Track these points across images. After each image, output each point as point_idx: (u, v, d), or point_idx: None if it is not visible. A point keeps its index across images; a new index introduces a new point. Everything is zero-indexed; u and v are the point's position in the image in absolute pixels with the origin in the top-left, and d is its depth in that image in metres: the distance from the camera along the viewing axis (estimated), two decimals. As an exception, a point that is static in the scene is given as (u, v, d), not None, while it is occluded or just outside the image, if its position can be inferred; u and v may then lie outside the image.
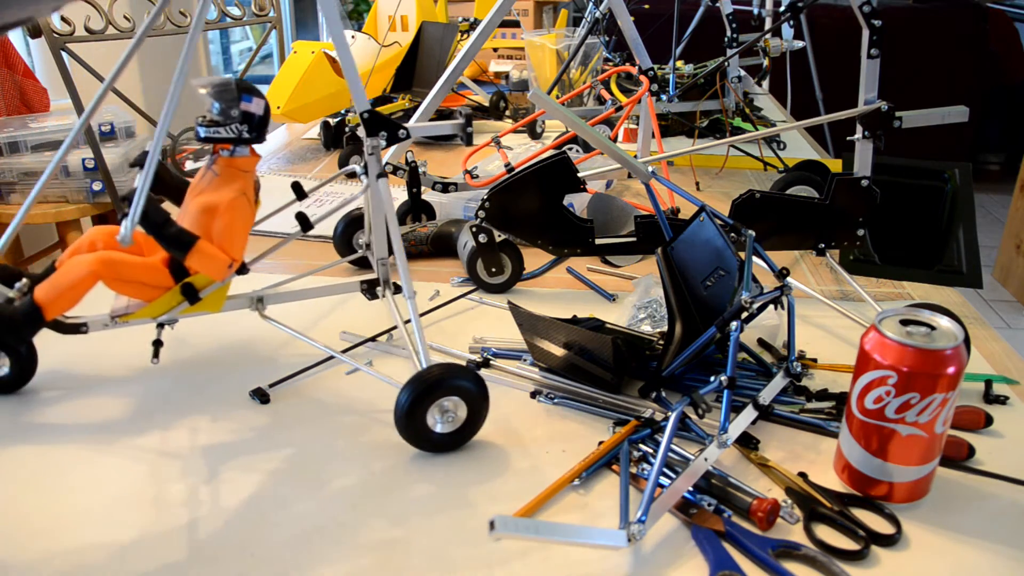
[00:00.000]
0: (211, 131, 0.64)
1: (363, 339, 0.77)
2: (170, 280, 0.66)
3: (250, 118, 0.64)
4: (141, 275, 0.65)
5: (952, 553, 0.53)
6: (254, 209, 0.68)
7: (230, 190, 0.65)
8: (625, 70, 1.27)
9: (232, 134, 0.64)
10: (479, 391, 0.61)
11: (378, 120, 0.67)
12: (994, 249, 3.02)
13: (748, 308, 0.60)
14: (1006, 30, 3.71)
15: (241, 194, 0.65)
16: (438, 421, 0.61)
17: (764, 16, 1.91)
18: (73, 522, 0.55)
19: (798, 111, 2.44)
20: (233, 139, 0.64)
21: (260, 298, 0.75)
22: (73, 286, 0.63)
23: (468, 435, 0.62)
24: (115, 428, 0.65)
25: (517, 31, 2.10)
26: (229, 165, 0.66)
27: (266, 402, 0.68)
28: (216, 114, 0.63)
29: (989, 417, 0.65)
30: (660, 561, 0.52)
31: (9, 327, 0.62)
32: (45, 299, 0.63)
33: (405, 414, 0.59)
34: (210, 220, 0.64)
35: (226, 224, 0.64)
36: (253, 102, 0.64)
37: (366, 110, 0.65)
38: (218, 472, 0.60)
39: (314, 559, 0.52)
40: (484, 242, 0.87)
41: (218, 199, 0.64)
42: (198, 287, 0.67)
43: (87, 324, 0.68)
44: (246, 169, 0.66)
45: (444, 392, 0.60)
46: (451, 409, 0.61)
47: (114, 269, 0.64)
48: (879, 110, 0.81)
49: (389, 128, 0.67)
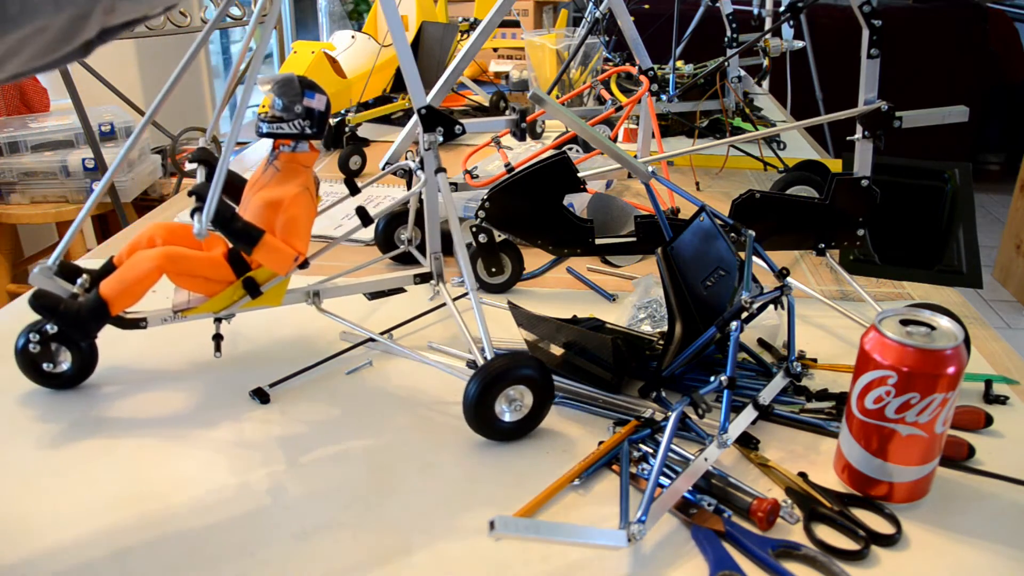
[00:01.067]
0: (273, 127, 0.64)
1: (363, 339, 0.77)
2: (231, 275, 0.67)
3: (312, 114, 0.65)
4: (204, 270, 0.66)
5: (952, 553, 0.53)
6: (316, 203, 0.68)
7: (293, 185, 0.66)
8: (625, 70, 1.27)
9: (295, 130, 0.64)
10: (543, 379, 0.62)
11: (435, 116, 0.67)
12: (994, 249, 3.02)
13: (748, 308, 0.60)
14: (1006, 30, 3.71)
15: (304, 189, 0.66)
16: (505, 410, 0.62)
17: (764, 16, 1.91)
18: (73, 522, 0.55)
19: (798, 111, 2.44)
20: (296, 134, 0.65)
21: (316, 292, 0.76)
22: (138, 281, 0.64)
23: (535, 422, 0.63)
24: (113, 429, 0.65)
25: (517, 31, 2.10)
26: (291, 160, 0.67)
27: (266, 402, 0.68)
28: (278, 110, 0.64)
29: (989, 417, 0.65)
30: (660, 561, 0.52)
31: (76, 322, 0.63)
32: (111, 294, 0.63)
33: (474, 405, 0.60)
34: (274, 215, 0.65)
35: (290, 218, 0.65)
36: (315, 98, 0.64)
37: (424, 106, 0.66)
38: (218, 472, 0.60)
39: (314, 559, 0.52)
40: (484, 242, 0.87)
41: (282, 194, 0.65)
42: (259, 281, 0.68)
43: (146, 319, 0.68)
44: (307, 164, 0.67)
45: (510, 382, 0.61)
46: (518, 398, 0.62)
47: (178, 264, 0.65)
48: (879, 110, 0.81)
49: (446, 124, 0.68)
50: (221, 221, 0.61)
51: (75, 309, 0.63)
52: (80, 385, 0.71)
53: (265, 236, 0.63)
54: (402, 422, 0.66)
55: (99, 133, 1.86)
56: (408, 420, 0.66)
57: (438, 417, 0.67)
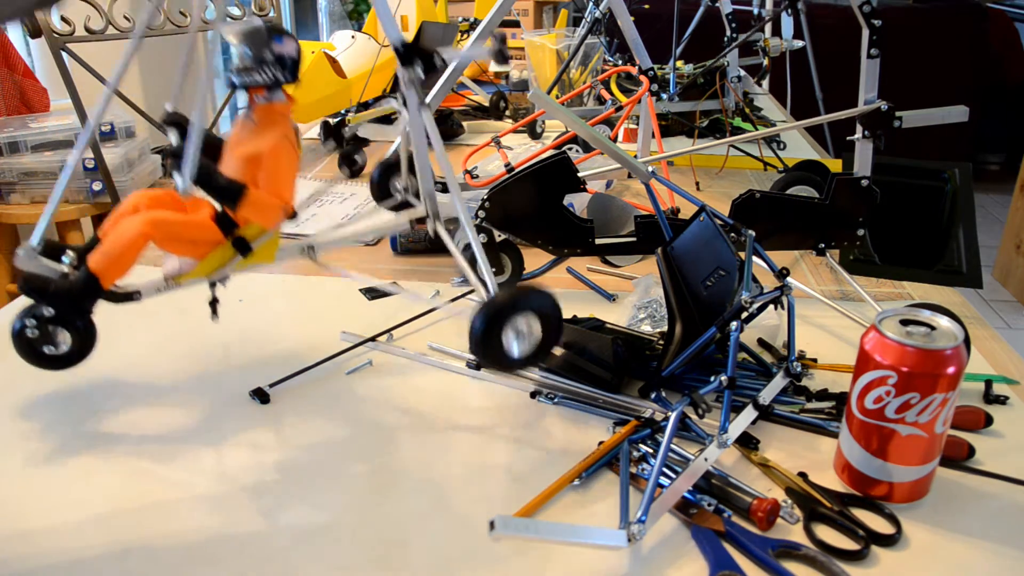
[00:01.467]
0: (245, 77, 0.62)
1: (363, 339, 0.77)
2: (220, 236, 0.65)
3: (283, 60, 0.62)
4: (192, 233, 0.64)
5: (952, 553, 0.53)
6: (298, 152, 0.66)
7: (272, 135, 0.63)
8: (625, 70, 1.27)
9: (267, 78, 0.62)
10: (551, 307, 0.59)
11: (413, 50, 0.64)
12: (994, 249, 3.02)
13: (748, 308, 0.60)
14: (1006, 30, 3.71)
15: (284, 138, 0.63)
16: (514, 342, 0.59)
17: (764, 16, 1.91)
18: (73, 522, 0.55)
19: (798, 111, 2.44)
20: (269, 83, 0.62)
21: (312, 246, 0.73)
22: (126, 249, 0.62)
23: (546, 352, 0.61)
24: (113, 429, 0.65)
25: (517, 31, 2.10)
26: (268, 111, 0.64)
27: (266, 402, 0.68)
28: (249, 60, 0.61)
29: (989, 417, 0.65)
30: (660, 561, 0.52)
31: (69, 301, 0.62)
32: (100, 267, 0.62)
33: (481, 339, 0.57)
34: (256, 168, 0.63)
35: (273, 169, 0.63)
36: (285, 42, 0.62)
37: (401, 42, 0.63)
38: (218, 472, 0.60)
39: (314, 559, 0.52)
40: (484, 242, 0.87)
41: (261, 146, 0.63)
42: (249, 239, 0.66)
43: (140, 291, 0.66)
44: (285, 113, 0.65)
45: (515, 312, 0.58)
46: (525, 330, 0.59)
47: (164, 229, 0.63)
48: (879, 110, 0.81)
49: (425, 57, 0.64)
50: (202, 178, 0.59)
51: (66, 288, 0.61)
52: (80, 385, 0.71)
53: (248, 190, 0.61)
54: (402, 422, 0.66)
55: (99, 133, 1.86)
56: (408, 420, 0.66)
57: (438, 417, 0.67)
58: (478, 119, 1.64)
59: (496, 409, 0.68)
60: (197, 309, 0.85)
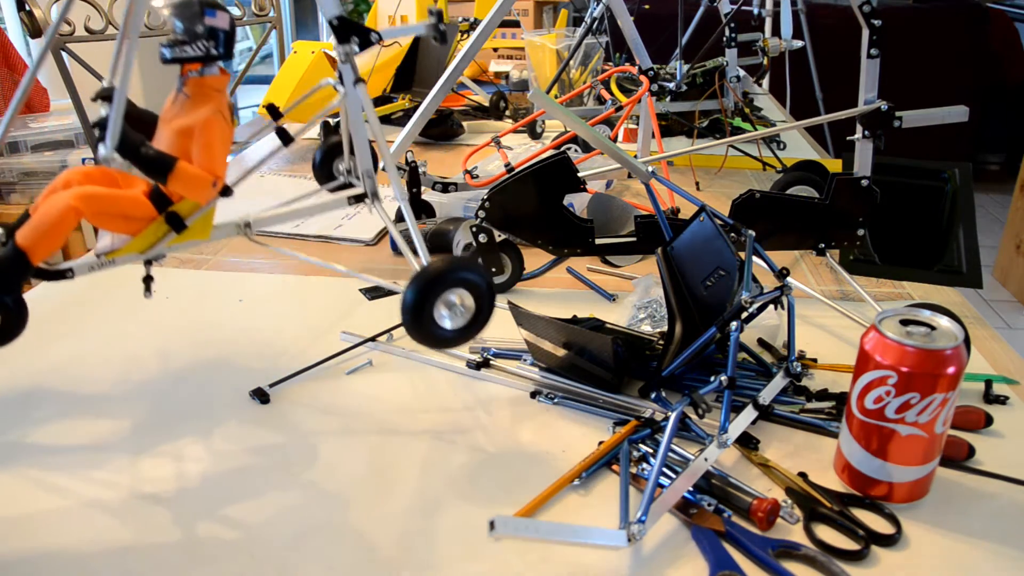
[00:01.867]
0: (176, 51, 0.61)
1: (363, 339, 0.77)
2: (153, 211, 0.63)
3: (215, 33, 0.61)
4: (123, 207, 0.63)
5: (952, 553, 0.53)
6: (231, 127, 0.65)
7: (205, 110, 0.62)
8: (625, 70, 1.27)
9: (199, 52, 0.61)
10: (483, 281, 0.58)
11: (348, 25, 0.65)
12: (994, 249, 3.02)
13: (748, 308, 0.60)
14: (1006, 30, 3.71)
15: (217, 112, 0.62)
16: (445, 316, 0.58)
17: (764, 16, 1.91)
18: (73, 521, 0.55)
19: (798, 111, 2.44)
20: (201, 57, 0.61)
21: (247, 223, 0.71)
22: (55, 224, 0.60)
23: (478, 328, 0.60)
24: (114, 428, 0.65)
25: (517, 31, 2.10)
26: (200, 85, 0.63)
27: (266, 402, 0.68)
28: (180, 33, 0.60)
29: (989, 417, 0.65)
30: (660, 561, 0.52)
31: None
32: (28, 242, 0.60)
33: (411, 311, 0.56)
34: (188, 142, 0.62)
35: (205, 143, 0.62)
36: (218, 16, 0.61)
37: (335, 16, 0.64)
38: (218, 472, 0.60)
39: (314, 559, 0.52)
40: (484, 242, 0.87)
41: (194, 120, 0.62)
42: (183, 215, 0.64)
43: (72, 269, 0.64)
44: (218, 88, 0.64)
45: (449, 285, 0.57)
46: (458, 303, 0.58)
47: (95, 203, 0.61)
48: (879, 110, 0.81)
49: (360, 33, 0.65)
50: (130, 149, 0.58)
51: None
52: (80, 385, 0.71)
53: (179, 163, 0.60)
54: (402, 422, 0.66)
55: (99, 133, 1.85)
56: (408, 420, 0.66)
57: (438, 417, 0.67)
58: (478, 119, 1.64)
59: (496, 409, 0.68)
60: (197, 310, 0.85)
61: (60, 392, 0.70)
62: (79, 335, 0.79)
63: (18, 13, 1.44)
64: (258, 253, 1.00)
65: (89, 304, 0.86)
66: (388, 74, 1.54)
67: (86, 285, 0.90)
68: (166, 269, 0.95)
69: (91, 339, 0.79)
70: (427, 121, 1.00)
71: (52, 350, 0.76)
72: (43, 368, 0.73)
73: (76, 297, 0.88)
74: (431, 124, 1.46)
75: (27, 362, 0.74)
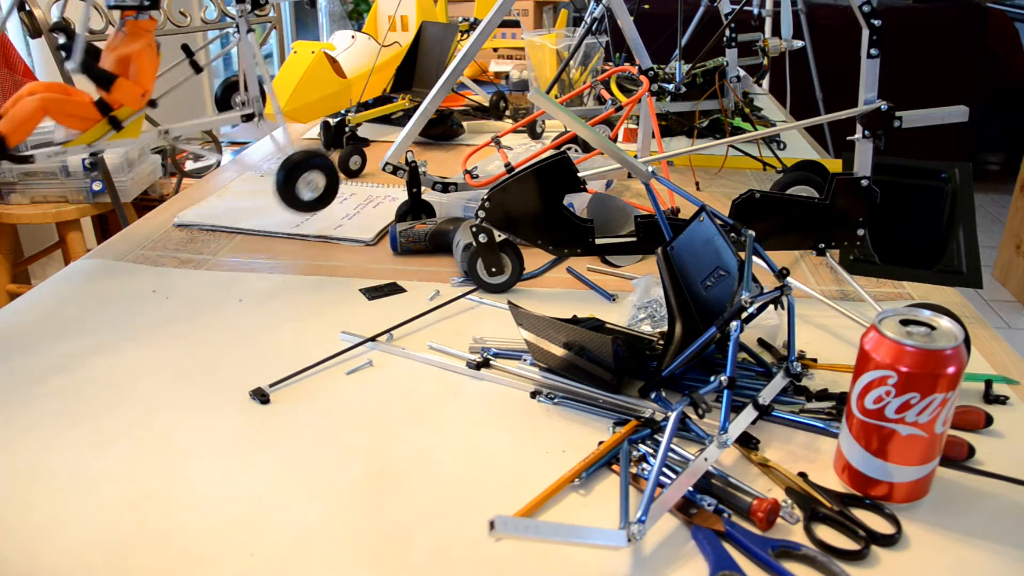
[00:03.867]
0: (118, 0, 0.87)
1: (363, 339, 0.77)
2: (98, 115, 0.89)
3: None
4: (77, 110, 0.88)
5: (952, 553, 0.53)
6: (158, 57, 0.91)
7: (138, 43, 0.89)
8: (625, 70, 1.27)
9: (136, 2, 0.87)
10: (330, 167, 0.95)
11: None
12: (994, 249, 3.02)
13: (748, 308, 0.60)
14: (1006, 30, 3.71)
15: (148, 45, 0.89)
16: (305, 190, 0.93)
17: (764, 16, 1.91)
18: (73, 522, 0.55)
19: (798, 111, 2.44)
20: (136, 6, 0.87)
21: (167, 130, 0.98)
22: (27, 118, 0.83)
23: (328, 200, 0.96)
24: (114, 428, 0.65)
25: (517, 31, 2.10)
26: (135, 26, 0.89)
27: (266, 402, 0.68)
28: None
29: (989, 417, 0.65)
30: (660, 561, 0.52)
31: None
32: (7, 130, 0.82)
33: (282, 187, 0.92)
34: (126, 65, 0.88)
35: (139, 66, 0.89)
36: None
37: None
38: (218, 472, 0.60)
39: (314, 559, 0.52)
40: (484, 242, 0.87)
41: (130, 50, 0.89)
42: (121, 118, 0.90)
43: (34, 156, 0.87)
44: (148, 29, 0.90)
45: (306, 169, 0.92)
46: (313, 180, 0.93)
47: (57, 105, 0.86)
48: (879, 110, 0.81)
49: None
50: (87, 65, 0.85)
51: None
52: (80, 385, 0.71)
53: (119, 78, 0.87)
54: (402, 422, 0.66)
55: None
56: (408, 420, 0.66)
57: (438, 417, 0.67)
58: (478, 119, 1.64)
59: (496, 409, 0.68)
60: (197, 310, 0.85)
61: (59, 392, 0.70)
62: (79, 335, 0.79)
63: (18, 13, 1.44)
64: (258, 253, 1.00)
65: (89, 304, 0.86)
66: (388, 74, 1.54)
67: (86, 285, 0.91)
68: (166, 269, 0.95)
69: (91, 339, 0.78)
70: (427, 121, 1.00)
71: (52, 350, 0.76)
72: (43, 368, 0.73)
73: (76, 297, 0.88)
74: (431, 124, 1.46)
75: (27, 362, 0.74)
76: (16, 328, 0.81)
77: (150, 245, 1.02)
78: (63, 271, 0.95)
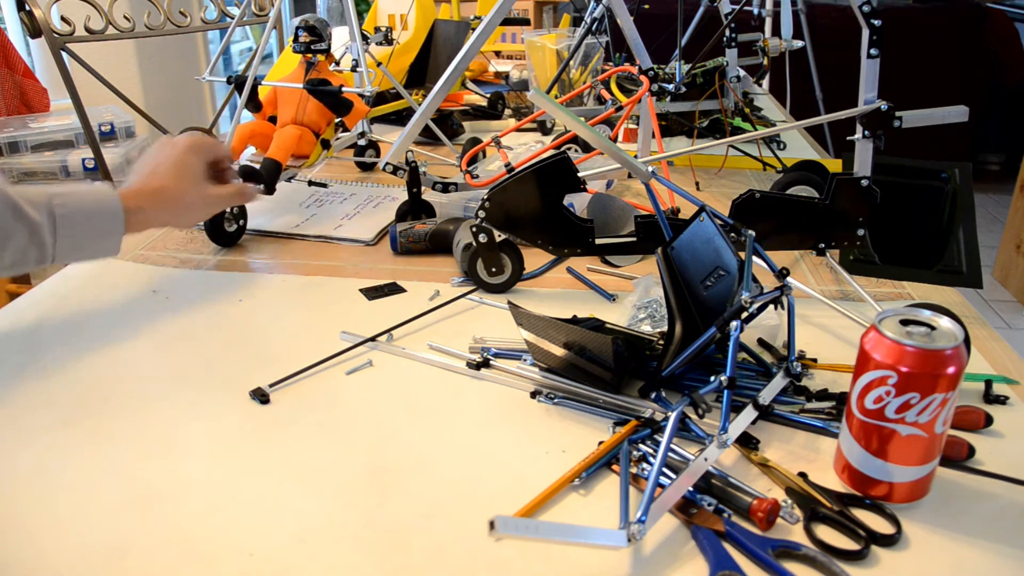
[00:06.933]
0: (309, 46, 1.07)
1: (363, 339, 0.77)
2: (315, 140, 1.10)
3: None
4: (310, 138, 1.08)
5: (952, 553, 0.53)
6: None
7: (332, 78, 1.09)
8: (625, 70, 1.27)
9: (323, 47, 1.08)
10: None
11: None
12: (994, 249, 3.02)
13: (748, 308, 0.60)
14: (1006, 30, 3.70)
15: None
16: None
17: (764, 16, 1.91)
18: (72, 522, 0.55)
19: (798, 111, 2.44)
20: (324, 51, 1.08)
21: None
22: (290, 145, 1.05)
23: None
24: (114, 428, 0.65)
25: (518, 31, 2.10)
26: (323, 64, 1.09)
27: (266, 402, 0.68)
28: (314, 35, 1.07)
29: (989, 417, 0.65)
30: (660, 561, 0.52)
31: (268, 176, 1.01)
32: (279, 155, 1.03)
33: None
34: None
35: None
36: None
37: None
38: (218, 472, 0.60)
39: (314, 559, 0.52)
40: (484, 242, 0.87)
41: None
42: (329, 140, 1.13)
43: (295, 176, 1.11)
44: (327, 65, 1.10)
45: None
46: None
47: (300, 135, 1.07)
48: (879, 110, 0.81)
49: None
50: (328, 95, 1.04)
51: (265, 168, 1.00)
52: (80, 385, 0.71)
53: (354, 104, 1.08)
54: (402, 422, 0.66)
55: (99, 133, 1.86)
56: (408, 420, 0.66)
57: (438, 417, 0.67)
58: (478, 119, 1.64)
59: (496, 409, 0.68)
60: (197, 310, 0.85)
61: (59, 392, 0.70)
62: (79, 335, 0.79)
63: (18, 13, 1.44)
64: (258, 253, 1.00)
65: (89, 304, 0.86)
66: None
67: (86, 285, 0.91)
68: (166, 269, 0.95)
69: (91, 339, 0.78)
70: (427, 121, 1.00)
71: (52, 350, 0.76)
72: (43, 368, 0.73)
73: (76, 297, 0.88)
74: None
75: (27, 362, 0.74)
76: (16, 328, 0.81)
77: (150, 245, 1.02)
78: (63, 271, 0.95)
